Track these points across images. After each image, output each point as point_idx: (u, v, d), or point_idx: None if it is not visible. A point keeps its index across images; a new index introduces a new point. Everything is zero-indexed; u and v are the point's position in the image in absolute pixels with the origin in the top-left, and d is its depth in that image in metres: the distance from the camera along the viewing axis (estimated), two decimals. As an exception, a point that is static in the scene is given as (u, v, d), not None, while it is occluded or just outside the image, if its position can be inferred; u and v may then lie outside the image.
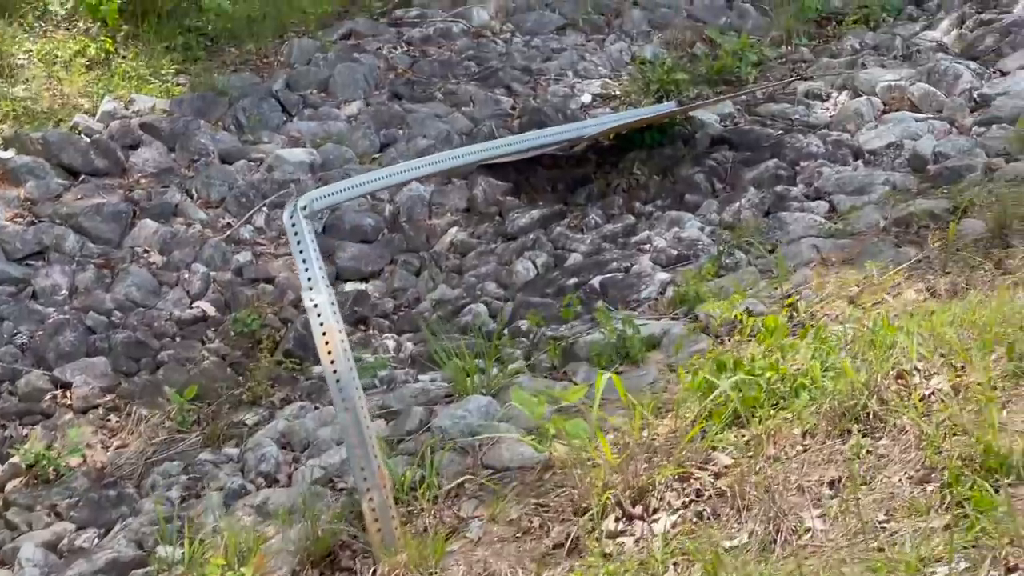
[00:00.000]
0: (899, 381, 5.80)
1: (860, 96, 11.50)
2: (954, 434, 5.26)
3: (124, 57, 12.84)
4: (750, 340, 6.86)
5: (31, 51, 12.72)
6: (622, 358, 7.43)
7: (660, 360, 7.30)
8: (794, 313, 7.28)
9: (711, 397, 5.94)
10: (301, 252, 6.41)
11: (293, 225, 6.50)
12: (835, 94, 11.86)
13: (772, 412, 5.88)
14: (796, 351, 6.35)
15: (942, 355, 5.96)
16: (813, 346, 6.31)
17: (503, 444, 6.51)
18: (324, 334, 6.19)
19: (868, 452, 5.42)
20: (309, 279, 6.30)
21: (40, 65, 12.53)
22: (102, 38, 12.93)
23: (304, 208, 6.60)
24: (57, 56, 12.67)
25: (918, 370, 5.88)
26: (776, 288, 7.75)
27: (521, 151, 10.38)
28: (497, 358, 7.84)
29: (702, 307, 7.74)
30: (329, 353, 6.15)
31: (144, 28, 13.30)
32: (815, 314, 7.25)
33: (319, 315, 6.23)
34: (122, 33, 13.14)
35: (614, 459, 5.63)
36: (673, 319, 7.94)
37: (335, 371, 6.12)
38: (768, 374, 6.07)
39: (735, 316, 7.12)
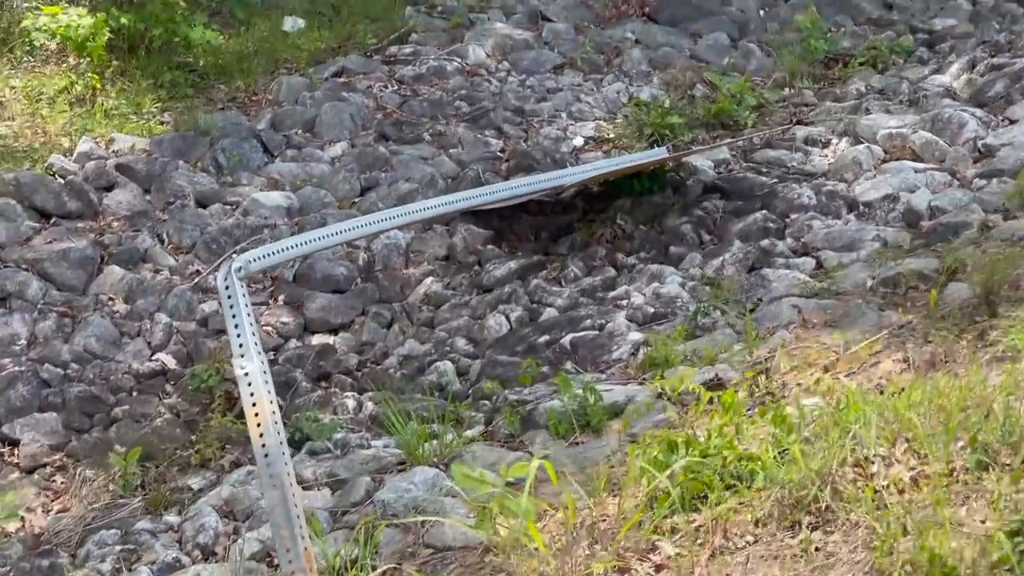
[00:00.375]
0: (856, 469, 5.41)
1: (861, 143, 11.06)
2: (906, 533, 4.87)
3: (110, 94, 12.54)
4: (709, 412, 6.48)
5: (15, 87, 12.46)
6: (583, 427, 7.07)
7: (622, 430, 6.93)
8: (762, 382, 6.91)
9: (656, 482, 5.57)
10: (234, 317, 6.15)
11: (227, 288, 6.23)
12: (835, 140, 11.42)
13: (725, 495, 5.51)
14: (755, 428, 5.97)
15: (907, 440, 5.57)
16: (771, 427, 5.93)
17: (446, 522, 6.16)
18: (254, 404, 5.92)
19: (817, 549, 5.04)
20: (241, 345, 6.05)
21: (24, 102, 12.27)
22: (89, 74, 12.64)
23: (239, 270, 6.31)
24: (43, 93, 12.41)
25: (880, 456, 5.49)
26: (750, 352, 7.36)
27: (494, 201, 9.98)
28: (457, 420, 7.54)
29: (666, 375, 7.39)
30: (258, 425, 5.88)
31: (133, 64, 13.01)
32: (786, 384, 6.89)
33: (249, 384, 5.95)
34: (111, 69, 12.86)
35: (546, 550, 5.25)
36: (641, 383, 7.57)
37: (263, 444, 5.83)
38: (724, 453, 5.70)
39: (691, 388, 6.72)
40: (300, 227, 10.47)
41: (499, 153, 11.94)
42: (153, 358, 9.16)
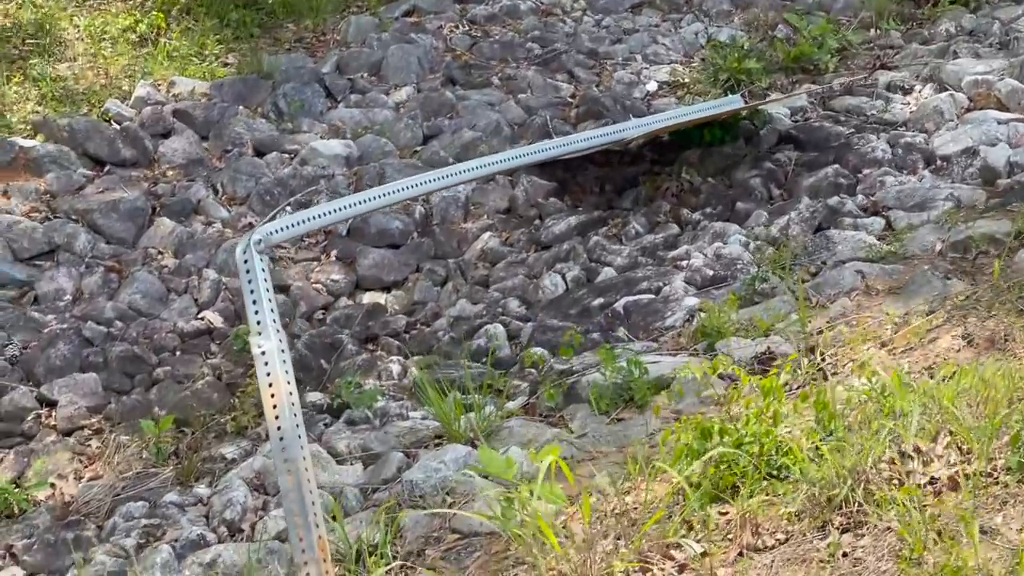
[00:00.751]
0: (893, 466, 5.05)
1: (945, 90, 10.52)
2: (937, 541, 4.53)
3: (174, 34, 12.30)
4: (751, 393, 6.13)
5: (79, 26, 12.26)
6: (626, 402, 6.77)
7: (667, 405, 6.61)
8: (814, 358, 6.56)
9: (685, 472, 5.26)
10: (252, 292, 5.96)
11: (245, 262, 6.00)
12: (919, 87, 10.84)
13: (759, 488, 5.19)
14: (796, 414, 5.63)
15: (950, 433, 5.21)
16: (813, 412, 5.59)
17: (477, 503, 5.90)
18: (270, 385, 5.75)
19: (845, 555, 4.71)
20: (259, 322, 5.85)
21: (87, 41, 12.07)
22: (154, 13, 12.41)
23: (259, 242, 6.08)
24: (106, 32, 12.19)
25: (919, 452, 5.13)
26: (804, 324, 6.98)
27: (553, 156, 9.61)
28: (500, 391, 7.28)
29: (717, 347, 7.07)
30: (274, 407, 5.69)
31: (199, 1, 12.74)
32: (839, 360, 6.53)
33: (266, 363, 5.74)
34: (177, 7, 12.62)
35: (561, 549, 4.97)
36: (692, 354, 7.23)
37: (279, 427, 5.63)
38: (761, 441, 5.36)
39: (725, 370, 6.35)
40: (358, 177, 10.20)
41: (569, 99, 11.54)
42: (199, 316, 8.92)
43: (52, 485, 7.30)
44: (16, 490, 7.12)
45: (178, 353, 8.57)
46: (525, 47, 12.46)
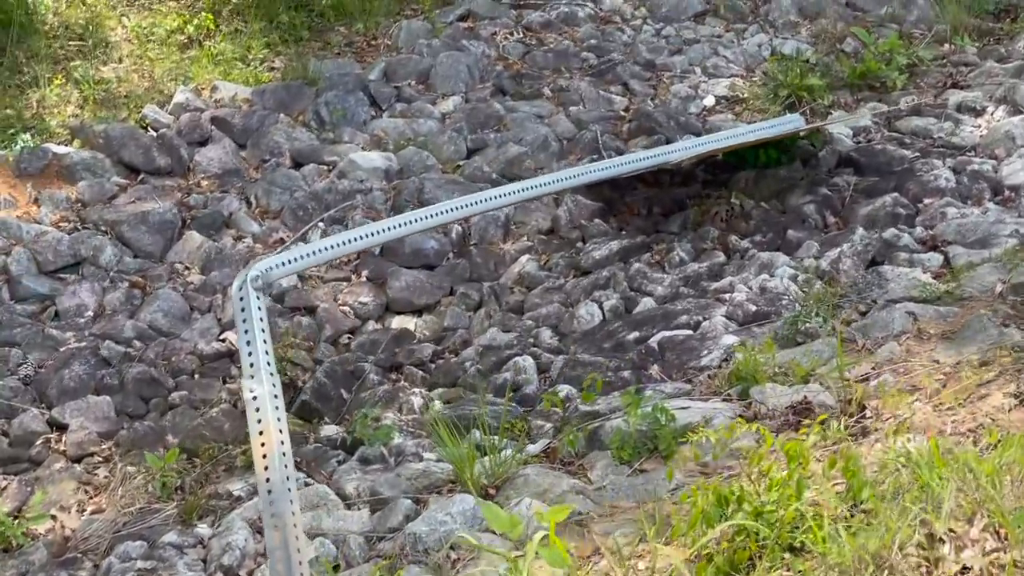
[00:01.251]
0: (923, 551, 4.61)
1: (1020, 113, 10.00)
2: (963, 648, 4.12)
3: (221, 36, 11.99)
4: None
5: (127, 27, 11.99)
6: (650, 451, 6.36)
7: (693, 456, 6.20)
8: (851, 409, 6.13)
9: (698, 545, 4.87)
10: (246, 333, 5.62)
11: (241, 299, 5.67)
12: (991, 108, 10.32)
13: (782, 558, 4.78)
14: (824, 479, 5.21)
15: (988, 514, 4.76)
16: (840, 480, 5.17)
17: (482, 559, 5.54)
18: (261, 433, 5.41)
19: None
20: (252, 364, 5.52)
21: (134, 43, 11.79)
22: (204, 13, 12.11)
23: (256, 279, 5.74)
24: (153, 33, 11.91)
25: (953, 534, 4.69)
26: (841, 374, 6.53)
27: (587, 182, 9.18)
28: (523, 431, 6.94)
29: (752, 393, 6.65)
30: (264, 457, 5.37)
31: (248, 1, 12.42)
32: (880, 414, 6.09)
33: (257, 410, 5.42)
34: (228, 7, 12.32)
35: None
36: (726, 399, 6.81)
37: (268, 479, 5.32)
38: (782, 511, 4.95)
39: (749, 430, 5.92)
40: (396, 192, 9.85)
41: (622, 112, 11.11)
42: (221, 337, 8.59)
43: (53, 517, 7.01)
44: (15, 523, 6.82)
45: (196, 376, 8.25)
46: (580, 56, 12.04)
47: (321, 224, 9.44)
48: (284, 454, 5.33)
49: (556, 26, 12.66)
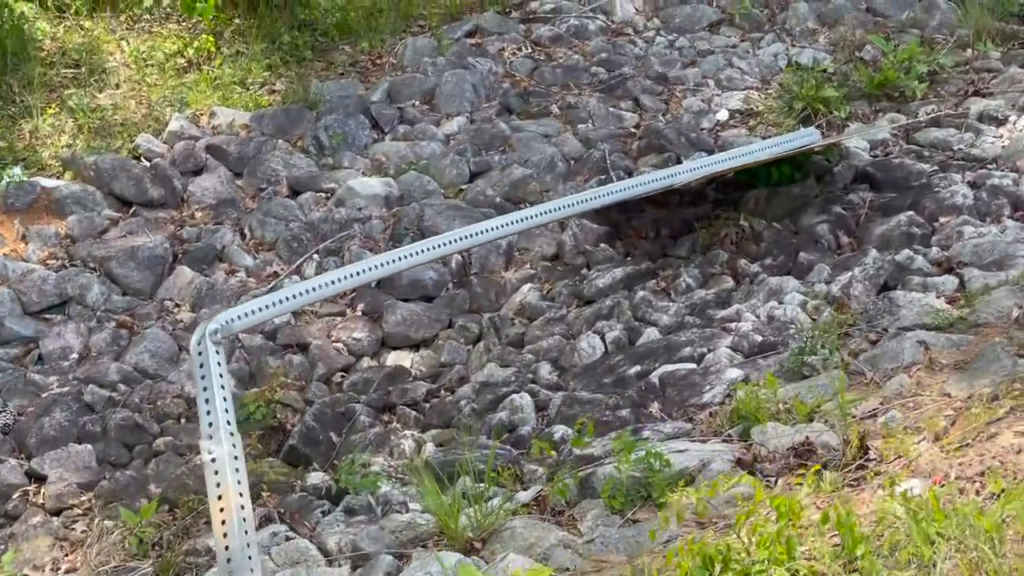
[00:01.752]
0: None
1: (1044, 123, 9.63)
2: None
3: (220, 60, 11.68)
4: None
5: (126, 51, 11.70)
6: (644, 499, 6.02)
7: (690, 505, 5.84)
8: (852, 452, 5.77)
9: (680, 619, 4.54)
10: (205, 390, 5.31)
11: (200, 354, 5.35)
12: (1014, 117, 9.91)
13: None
14: (820, 533, 4.85)
15: (986, 575, 4.40)
16: (832, 536, 4.81)
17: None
18: (219, 498, 5.09)
19: None
20: (210, 424, 5.22)
21: (132, 68, 11.51)
22: (204, 36, 11.81)
23: (216, 332, 5.41)
24: (152, 57, 11.61)
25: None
26: (857, 403, 6.19)
27: (592, 208, 8.82)
28: (515, 476, 6.64)
29: (752, 434, 6.30)
30: (223, 523, 5.04)
31: (249, 22, 12.11)
32: (885, 454, 5.73)
33: (216, 472, 5.10)
34: (230, 28, 12.02)
35: None
36: (726, 440, 6.45)
37: (227, 547, 5.00)
38: (771, 570, 4.61)
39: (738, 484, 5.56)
40: (396, 219, 9.54)
41: (632, 129, 10.76)
42: (208, 378, 8.29)
43: (23, 579, 6.71)
44: (-13, 583, 6.54)
45: (183, 421, 7.96)
46: (589, 72, 11.69)
47: (316, 256, 9.14)
48: (244, 519, 5.05)
49: (566, 40, 12.31)
